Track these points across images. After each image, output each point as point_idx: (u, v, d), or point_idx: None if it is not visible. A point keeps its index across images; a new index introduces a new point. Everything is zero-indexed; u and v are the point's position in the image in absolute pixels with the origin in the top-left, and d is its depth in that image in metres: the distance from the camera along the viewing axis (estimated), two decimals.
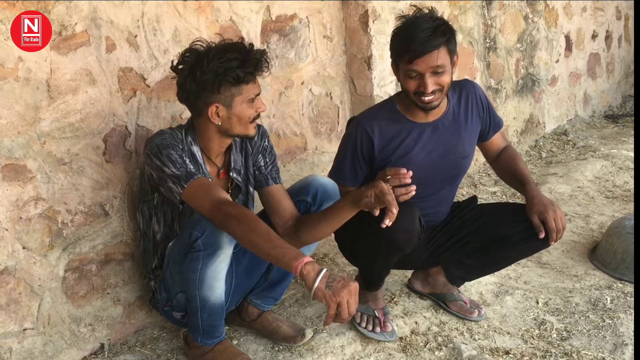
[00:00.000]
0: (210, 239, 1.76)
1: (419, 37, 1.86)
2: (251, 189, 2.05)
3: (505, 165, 2.23)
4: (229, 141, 1.93)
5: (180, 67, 1.82)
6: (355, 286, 1.57)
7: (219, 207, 1.70)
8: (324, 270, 1.57)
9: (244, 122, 1.84)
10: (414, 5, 2.02)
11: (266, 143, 2.04)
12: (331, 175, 2.13)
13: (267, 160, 2.03)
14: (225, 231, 1.73)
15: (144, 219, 1.99)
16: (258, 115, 1.88)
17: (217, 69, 1.74)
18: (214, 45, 1.80)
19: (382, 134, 2.04)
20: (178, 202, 1.79)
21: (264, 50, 1.84)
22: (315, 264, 1.58)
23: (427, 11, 1.94)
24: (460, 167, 2.16)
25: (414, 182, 1.84)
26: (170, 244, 1.95)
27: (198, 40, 1.82)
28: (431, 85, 1.90)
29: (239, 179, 2.00)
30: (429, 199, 2.12)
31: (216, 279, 1.83)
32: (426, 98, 1.93)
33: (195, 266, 1.79)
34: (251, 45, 1.82)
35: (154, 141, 1.82)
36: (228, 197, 1.77)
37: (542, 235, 1.98)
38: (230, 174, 1.97)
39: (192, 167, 1.79)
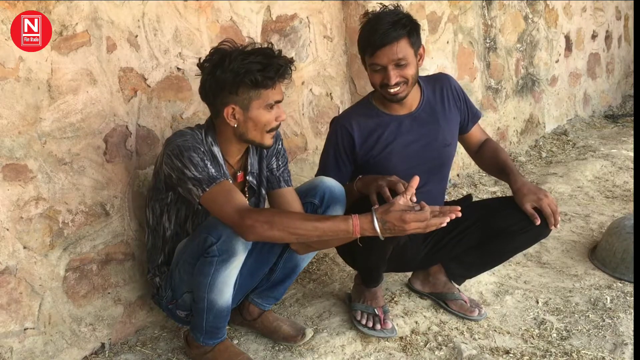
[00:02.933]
0: (226, 245, 1.76)
1: (379, 30, 1.93)
2: (263, 192, 2.05)
3: (487, 157, 2.25)
4: (247, 146, 1.93)
5: (205, 65, 1.80)
6: (401, 212, 1.66)
7: (243, 217, 1.69)
8: (375, 222, 1.67)
9: (260, 128, 1.82)
10: (380, 3, 2.06)
11: (280, 146, 2.04)
12: (321, 172, 2.15)
13: (280, 162, 2.04)
14: (255, 238, 1.73)
15: (154, 215, 1.98)
16: (278, 126, 1.86)
17: (237, 70, 1.72)
18: (241, 46, 1.79)
19: (361, 129, 2.08)
20: (197, 204, 1.79)
21: (291, 58, 1.82)
22: (363, 220, 1.68)
23: (392, 8, 2.01)
24: (444, 156, 2.18)
25: (400, 175, 1.88)
26: (181, 243, 1.94)
27: (226, 41, 1.81)
28: (394, 78, 1.96)
29: (255, 182, 2.00)
30: (418, 192, 2.12)
31: (226, 284, 1.83)
32: (391, 90, 1.99)
33: (207, 271, 1.79)
34: (279, 51, 1.80)
35: (175, 142, 1.79)
36: (247, 201, 1.77)
37: (538, 223, 1.99)
38: (247, 177, 1.98)
39: (213, 170, 1.77)
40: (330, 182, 2.00)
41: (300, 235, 1.70)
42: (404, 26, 1.94)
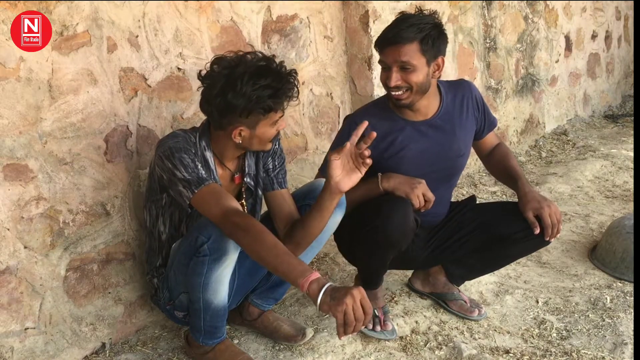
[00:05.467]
0: (217, 244, 1.75)
1: (394, 27, 1.88)
2: (260, 192, 2.05)
3: (497, 162, 2.24)
4: (244, 151, 1.94)
5: (208, 80, 1.77)
6: (358, 291, 1.51)
7: (227, 217, 1.69)
8: (328, 284, 1.53)
9: (264, 141, 1.85)
10: (418, 7, 2.01)
11: (277, 146, 2.03)
12: (322, 170, 2.12)
13: (276, 163, 2.03)
14: (234, 240, 1.72)
15: (151, 217, 1.99)
16: (278, 133, 1.88)
17: (249, 96, 1.70)
18: (246, 61, 1.75)
19: (376, 130, 2.01)
20: (187, 206, 1.79)
21: (293, 70, 1.79)
22: (320, 280, 1.54)
23: (427, 13, 1.95)
24: (456, 166, 2.17)
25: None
26: (175, 244, 1.95)
27: (229, 52, 1.78)
28: (395, 80, 1.90)
29: (252, 183, 2.01)
30: None
31: (220, 283, 1.83)
32: (394, 93, 1.94)
33: (200, 270, 1.80)
34: (283, 66, 1.77)
35: (167, 143, 1.80)
36: (238, 205, 1.76)
37: (537, 232, 1.98)
38: (245, 179, 1.98)
39: (203, 172, 1.78)
40: None
41: (259, 256, 1.65)
42: (421, 30, 1.87)
